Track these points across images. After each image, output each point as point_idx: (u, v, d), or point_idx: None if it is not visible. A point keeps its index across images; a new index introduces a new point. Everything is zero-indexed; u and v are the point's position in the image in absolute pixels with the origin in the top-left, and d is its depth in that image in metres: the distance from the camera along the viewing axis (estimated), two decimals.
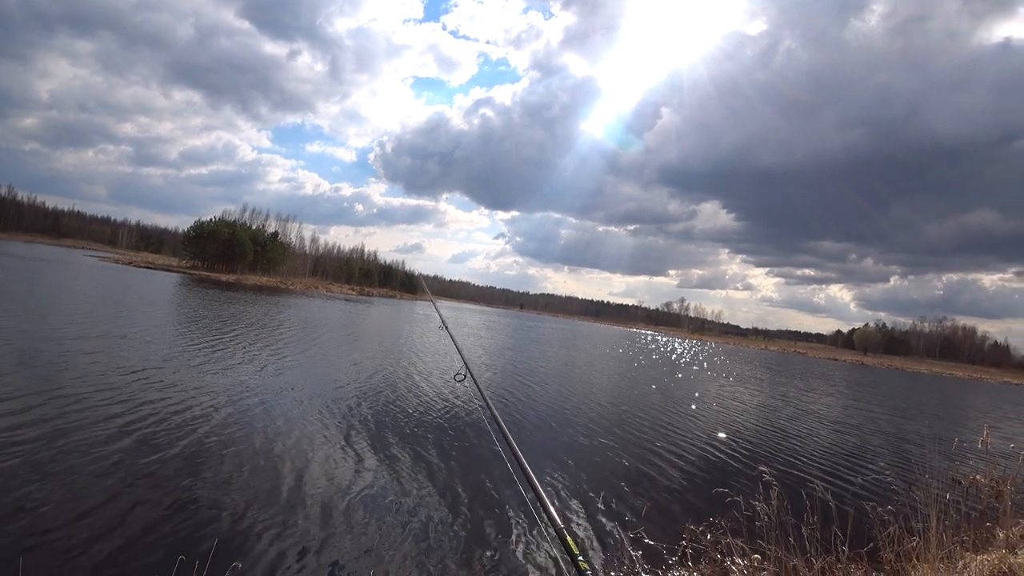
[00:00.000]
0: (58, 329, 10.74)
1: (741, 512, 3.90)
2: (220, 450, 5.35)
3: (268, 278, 64.98)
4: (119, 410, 6.11)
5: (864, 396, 23.82)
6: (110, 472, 4.48)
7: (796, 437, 10.49)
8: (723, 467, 7.48)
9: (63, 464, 4.48)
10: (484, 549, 4.11)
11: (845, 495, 6.28)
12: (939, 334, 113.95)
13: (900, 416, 17.11)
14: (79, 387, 6.80)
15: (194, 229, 66.44)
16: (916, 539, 3.77)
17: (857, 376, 42.99)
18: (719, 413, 12.45)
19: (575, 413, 10.05)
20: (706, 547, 3.94)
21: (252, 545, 3.66)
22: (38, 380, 6.87)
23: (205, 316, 17.81)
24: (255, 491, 4.53)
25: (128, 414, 6.01)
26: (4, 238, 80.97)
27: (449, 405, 8.99)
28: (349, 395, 8.72)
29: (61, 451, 4.74)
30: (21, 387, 6.45)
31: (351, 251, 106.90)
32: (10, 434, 4.93)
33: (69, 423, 5.46)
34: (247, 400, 7.40)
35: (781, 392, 20.12)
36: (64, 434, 5.14)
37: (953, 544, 3.82)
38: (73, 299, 17.43)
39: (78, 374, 7.42)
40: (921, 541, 3.73)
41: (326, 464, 5.44)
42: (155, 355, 9.53)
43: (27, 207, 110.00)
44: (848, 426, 13.20)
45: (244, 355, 10.95)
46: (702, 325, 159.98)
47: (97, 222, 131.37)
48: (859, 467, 8.50)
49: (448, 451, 6.46)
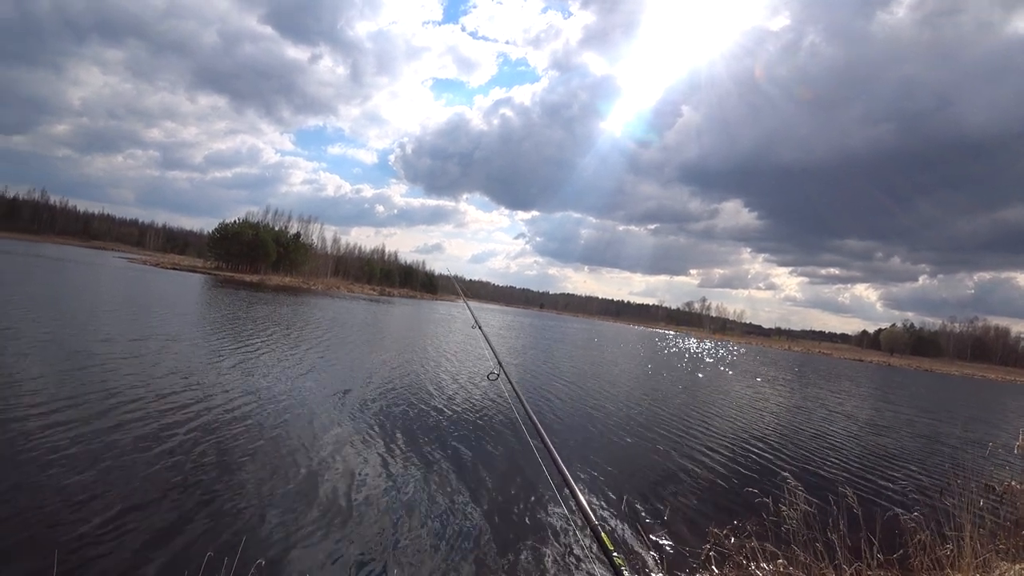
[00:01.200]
0: (100, 331, 11.06)
1: (767, 515, 3.84)
2: (252, 449, 5.46)
3: (291, 278, 65.98)
4: (156, 409, 6.27)
5: (892, 398, 23.26)
6: (143, 468, 4.60)
7: (823, 439, 10.29)
8: (748, 469, 7.38)
9: (99, 460, 4.62)
10: (520, 547, 4.11)
11: (874, 500, 6.15)
12: (970, 334, 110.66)
13: (930, 419, 16.68)
14: (117, 387, 7.00)
15: (218, 231, 67.80)
16: (949, 546, 3.68)
17: (884, 378, 41.99)
18: (743, 414, 12.28)
19: (600, 413, 10.01)
20: (730, 551, 3.89)
21: (280, 543, 3.72)
22: (80, 380, 7.09)
23: (240, 317, 18.16)
24: (284, 490, 4.61)
25: (164, 414, 6.16)
26: (37, 240, 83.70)
27: (480, 403, 9.03)
28: (381, 394, 8.81)
29: (98, 447, 4.88)
30: (65, 386, 6.66)
31: (372, 252, 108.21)
32: (51, 431, 5.10)
33: (109, 422, 5.62)
34: (282, 400, 7.52)
35: (806, 394, 19.75)
36: (101, 432, 5.30)
37: (988, 552, 3.72)
38: (110, 300, 17.93)
39: (117, 375, 7.63)
40: (954, 549, 3.64)
41: (357, 463, 5.51)
42: (196, 357, 9.75)
43: (59, 211, 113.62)
44: (876, 429, 12.91)
45: (281, 355, 11.14)
46: (724, 325, 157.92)
47: (125, 225, 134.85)
48: (889, 471, 8.30)
49: (480, 447, 6.49)
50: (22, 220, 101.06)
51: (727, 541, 3.94)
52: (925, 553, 3.70)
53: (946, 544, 3.71)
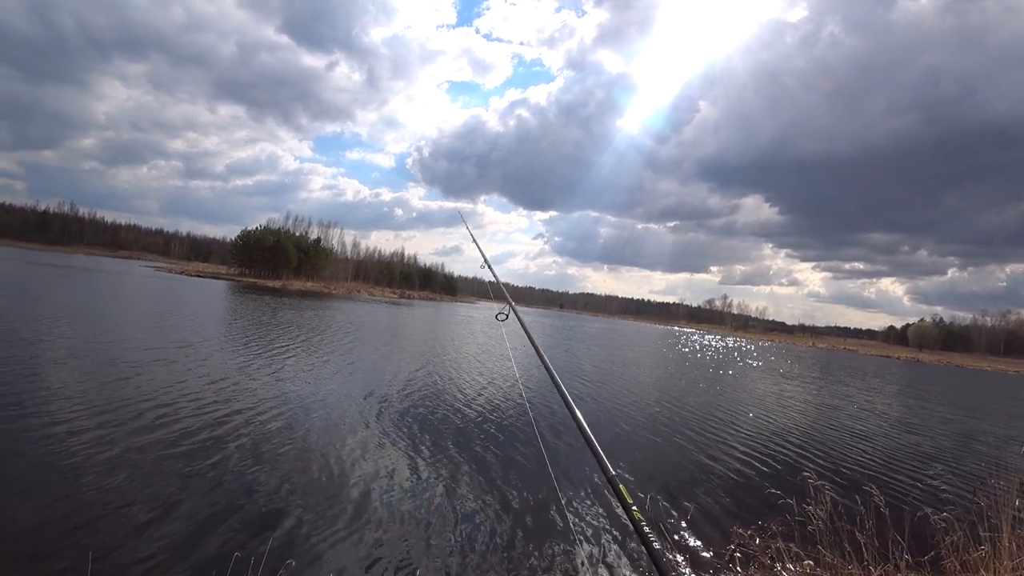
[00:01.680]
0: (133, 338, 11.37)
1: (793, 516, 3.78)
2: (281, 451, 5.54)
3: (312, 283, 66.93)
4: (188, 413, 6.41)
5: (922, 395, 22.68)
6: (174, 470, 4.71)
7: (849, 437, 10.08)
8: (772, 467, 7.26)
9: (132, 462, 4.74)
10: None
11: (903, 499, 6.00)
12: (1003, 328, 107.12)
13: (963, 416, 16.22)
14: (149, 392, 7.18)
15: (241, 238, 69.14)
16: (984, 548, 3.57)
17: (913, 374, 40.97)
18: (766, 411, 12.09)
19: (623, 411, 9.95)
20: (756, 551, 3.84)
21: (308, 543, 3.78)
22: (114, 385, 7.29)
23: (267, 323, 18.50)
24: (313, 491, 4.67)
25: (196, 418, 6.30)
26: (68, 252, 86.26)
27: (500, 400, 9.04)
28: (406, 394, 8.87)
29: (131, 451, 5.01)
30: (100, 391, 6.86)
31: (391, 255, 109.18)
32: (86, 435, 5.25)
33: (142, 425, 5.77)
34: (310, 402, 7.63)
35: (831, 391, 19.37)
36: (134, 436, 5.43)
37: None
38: (141, 309, 18.40)
39: (150, 380, 7.83)
40: (989, 551, 3.53)
41: (384, 463, 5.55)
42: (226, 361, 9.95)
43: (88, 222, 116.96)
44: (905, 426, 12.60)
45: (308, 359, 11.31)
46: (746, 322, 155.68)
47: (151, 234, 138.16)
48: (919, 469, 8.10)
49: (502, 442, 6.50)
50: (53, 232, 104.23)
51: (752, 541, 3.89)
52: (958, 555, 3.59)
53: (980, 546, 3.60)
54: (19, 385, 6.74)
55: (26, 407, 5.92)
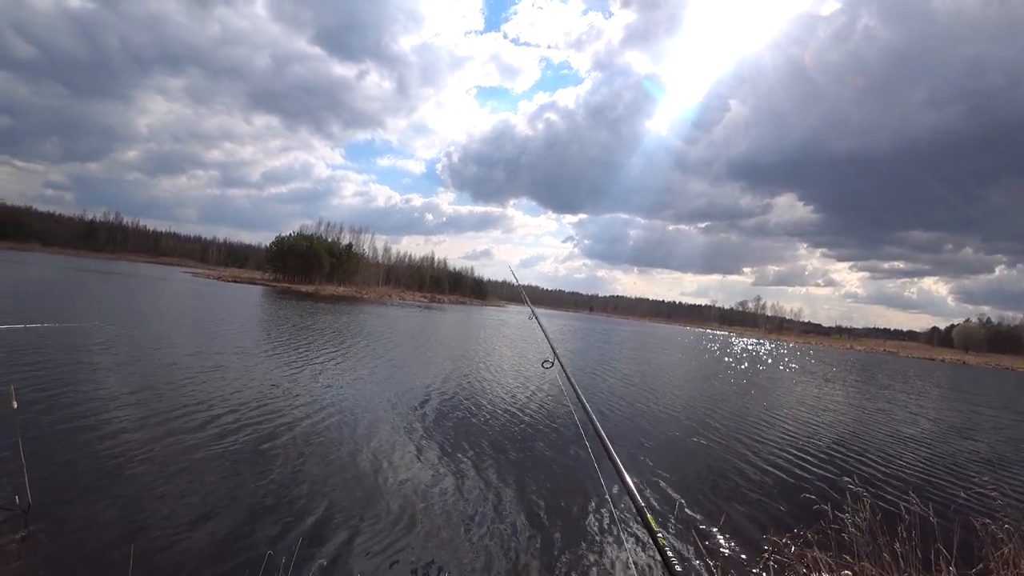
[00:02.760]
0: (181, 343, 11.79)
1: (829, 523, 3.66)
2: (318, 455, 5.66)
3: (344, 288, 68.15)
4: (232, 416, 6.61)
5: (969, 398, 21.70)
6: (211, 468, 4.86)
7: (890, 442, 9.71)
8: (809, 473, 7.05)
9: (176, 464, 4.91)
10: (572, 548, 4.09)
11: (948, 509, 5.74)
12: None
13: (1015, 421, 15.46)
14: (196, 394, 7.43)
15: (275, 244, 70.94)
16: None
17: (959, 376, 39.26)
18: (805, 416, 11.75)
19: (659, 414, 9.82)
20: (791, 560, 3.73)
21: (340, 544, 3.84)
22: (161, 389, 7.57)
23: (306, 326, 18.96)
24: (347, 495, 4.75)
25: (238, 420, 6.49)
26: (113, 259, 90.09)
27: (534, 402, 9.03)
28: (441, 398, 8.95)
29: (175, 453, 5.19)
30: (147, 392, 7.13)
31: (421, 259, 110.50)
32: (133, 437, 5.46)
33: (187, 428, 5.97)
34: (348, 405, 7.77)
35: (871, 394, 18.70)
36: (178, 439, 5.63)
37: None
38: (187, 313, 19.06)
39: (197, 382, 8.10)
40: None
41: (416, 467, 5.62)
42: (268, 365, 10.22)
43: (131, 231, 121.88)
44: (952, 431, 12.08)
45: (347, 362, 11.53)
46: (780, 324, 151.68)
47: (190, 241, 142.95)
48: (967, 477, 7.73)
49: (535, 447, 6.50)
50: (99, 240, 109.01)
51: (787, 550, 3.78)
52: (1009, 568, 3.42)
53: None
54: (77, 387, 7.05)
55: (80, 408, 6.19)
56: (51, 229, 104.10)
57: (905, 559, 3.24)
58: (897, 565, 3.24)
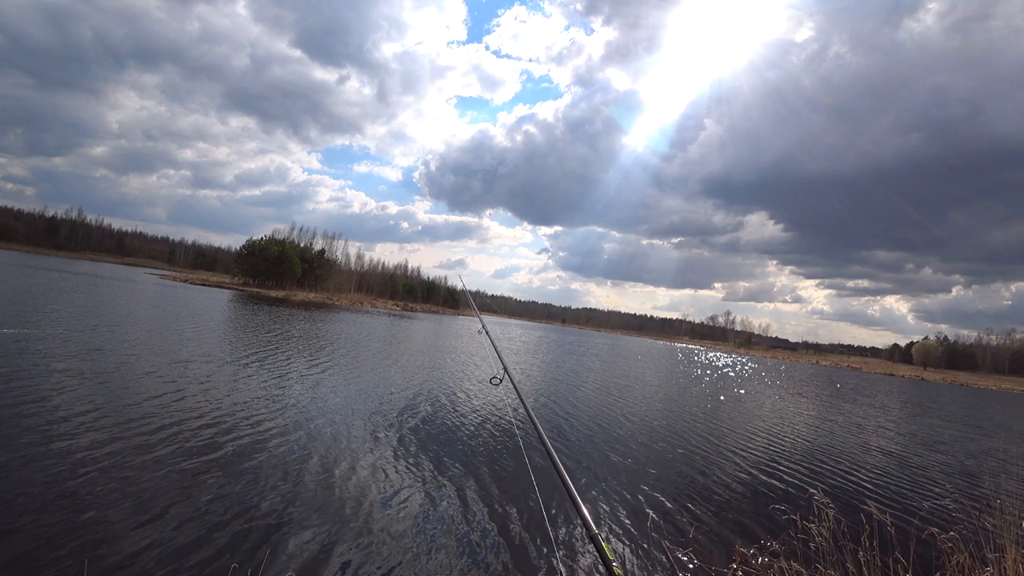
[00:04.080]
0: (137, 346, 11.41)
1: (795, 534, 3.75)
2: (275, 461, 5.54)
3: (315, 294, 67.03)
4: (189, 425, 6.42)
5: (926, 414, 22.47)
6: (169, 480, 4.70)
7: (852, 455, 9.99)
8: (775, 486, 7.20)
9: (129, 471, 4.74)
10: (521, 556, 4.08)
11: (908, 519, 5.93)
12: (1008, 347, 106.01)
13: (967, 436, 16.06)
14: (155, 400, 7.19)
15: (245, 248, 69.39)
16: (989, 569, 3.53)
17: (918, 392, 40.62)
18: (769, 429, 11.99)
19: (623, 427, 9.89)
20: (758, 571, 3.80)
21: (303, 555, 3.76)
22: (116, 394, 7.30)
23: (274, 332, 18.55)
24: (306, 501, 4.66)
25: (196, 429, 6.30)
26: (74, 257, 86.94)
27: (492, 417, 9.00)
28: (401, 409, 8.86)
29: (132, 463, 5.01)
30: (98, 398, 6.87)
31: (395, 267, 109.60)
32: (88, 445, 5.25)
33: (142, 437, 5.77)
34: (310, 414, 7.64)
35: (836, 409, 19.22)
36: (134, 447, 5.44)
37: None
38: (150, 317, 18.44)
39: (157, 389, 7.84)
40: (995, 572, 3.49)
41: (373, 474, 5.54)
42: (229, 372, 9.96)
43: (95, 229, 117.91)
44: (908, 445, 12.48)
45: (310, 371, 11.32)
46: (749, 339, 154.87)
47: (157, 242, 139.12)
48: (924, 489, 8.01)
49: (493, 460, 6.46)
50: (60, 237, 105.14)
51: (754, 560, 3.85)
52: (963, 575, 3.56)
53: (986, 567, 3.56)
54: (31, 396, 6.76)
55: (33, 414, 5.93)
56: (9, 224, 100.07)
57: (868, 567, 3.33)
58: (860, 573, 3.33)
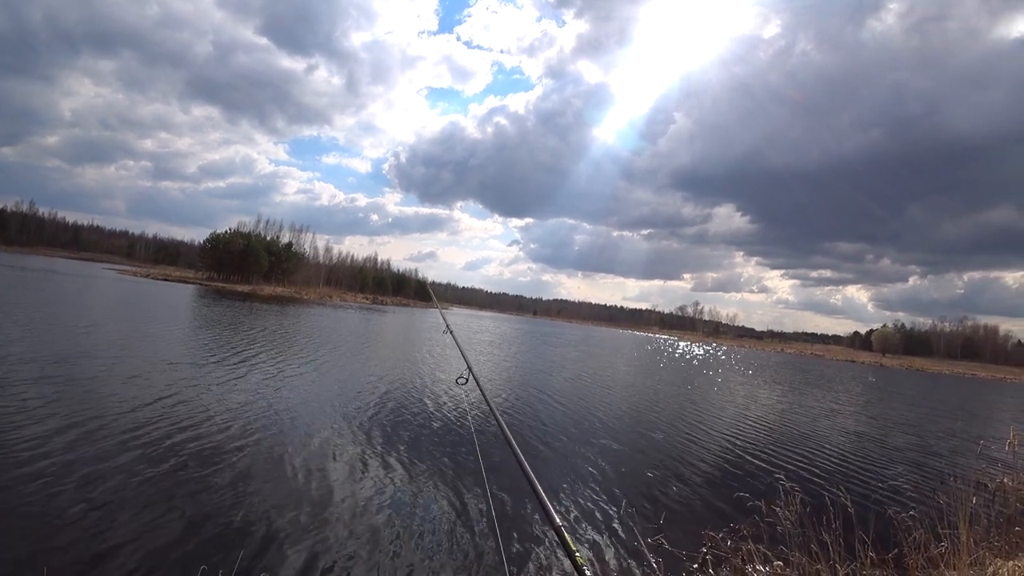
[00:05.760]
0: (95, 347, 10.97)
1: (762, 518, 3.84)
2: (243, 462, 5.41)
3: (283, 288, 65.69)
4: (150, 426, 6.20)
5: (884, 398, 23.41)
6: (135, 484, 4.54)
7: (816, 440, 10.33)
8: (742, 471, 7.39)
9: (92, 475, 4.56)
10: (481, 550, 4.09)
11: (868, 499, 6.17)
12: (960, 334, 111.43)
13: (922, 419, 16.79)
14: (112, 402, 6.93)
15: (209, 241, 67.46)
16: (943, 545, 3.69)
17: (876, 377, 42.27)
18: (736, 417, 12.31)
19: (591, 416, 10.00)
20: (727, 553, 3.88)
21: (277, 556, 3.68)
22: (76, 397, 7.02)
23: (241, 328, 18.08)
24: (277, 502, 4.57)
25: (158, 430, 6.10)
26: (26, 252, 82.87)
27: (462, 410, 8.98)
28: (370, 404, 8.78)
29: (90, 463, 4.82)
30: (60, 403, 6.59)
31: (364, 260, 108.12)
32: (44, 444, 5.03)
33: (102, 438, 5.56)
34: (276, 412, 7.48)
35: (799, 395, 19.84)
36: (96, 450, 5.23)
37: (982, 550, 3.74)
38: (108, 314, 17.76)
39: (113, 391, 7.56)
40: (949, 547, 3.65)
41: (342, 472, 5.47)
42: (191, 371, 9.67)
43: (48, 222, 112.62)
44: (869, 429, 12.98)
45: (274, 368, 11.08)
46: (717, 328, 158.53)
47: (115, 236, 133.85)
48: (883, 470, 8.34)
49: (461, 453, 6.45)
50: (10, 232, 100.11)
51: (723, 544, 3.93)
52: (920, 552, 3.71)
53: (940, 542, 3.72)
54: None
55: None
56: None
57: (832, 547, 3.45)
58: (825, 554, 3.44)
